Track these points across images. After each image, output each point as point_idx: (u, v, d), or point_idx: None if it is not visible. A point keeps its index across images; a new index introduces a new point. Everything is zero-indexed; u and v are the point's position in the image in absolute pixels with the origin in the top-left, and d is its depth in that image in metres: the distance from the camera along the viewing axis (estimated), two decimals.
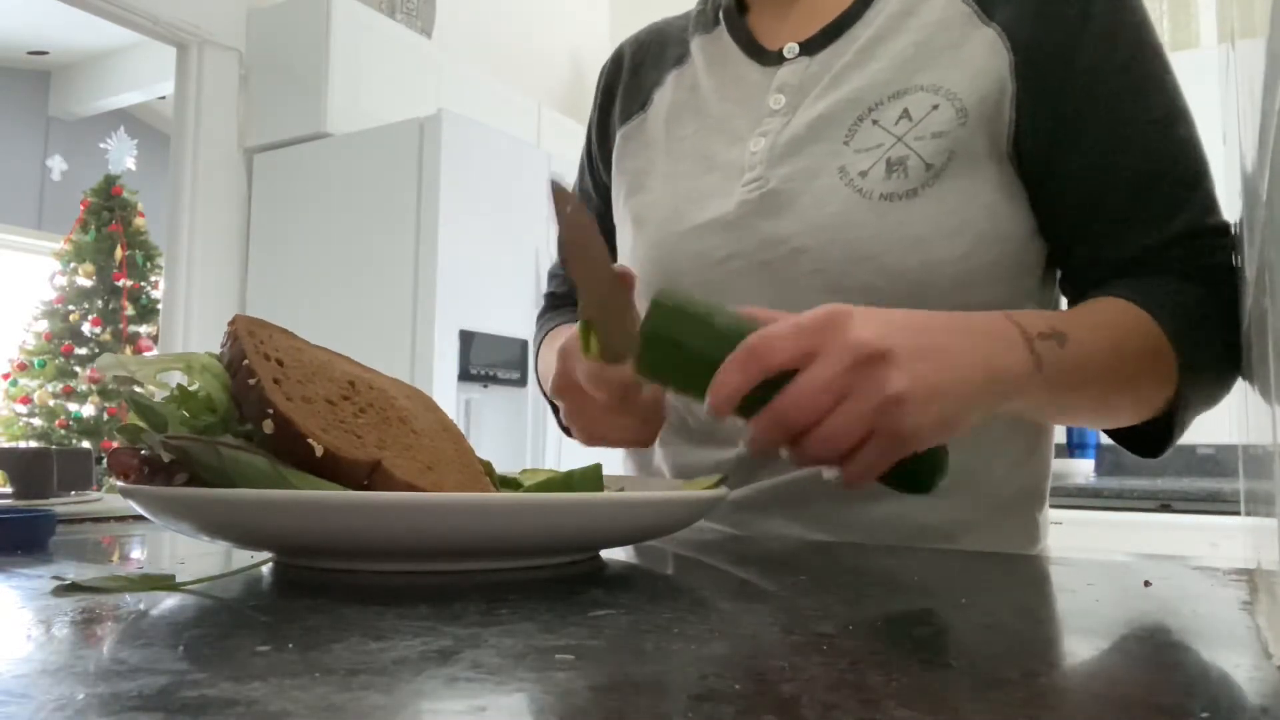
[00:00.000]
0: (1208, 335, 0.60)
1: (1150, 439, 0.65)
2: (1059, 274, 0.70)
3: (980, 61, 0.64)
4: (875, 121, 0.65)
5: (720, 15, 0.79)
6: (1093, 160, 0.63)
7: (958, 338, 0.51)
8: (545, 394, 0.80)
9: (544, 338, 0.89)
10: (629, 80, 0.84)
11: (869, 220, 0.63)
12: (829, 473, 0.50)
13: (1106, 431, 0.68)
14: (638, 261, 0.75)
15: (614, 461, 0.80)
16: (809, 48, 0.72)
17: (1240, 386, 0.61)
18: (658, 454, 0.77)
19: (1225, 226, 0.63)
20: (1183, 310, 0.59)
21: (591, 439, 0.65)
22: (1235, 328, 0.61)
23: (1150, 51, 0.63)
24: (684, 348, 0.50)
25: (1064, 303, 0.71)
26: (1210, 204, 0.63)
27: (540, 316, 0.96)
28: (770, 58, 0.74)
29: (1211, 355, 0.60)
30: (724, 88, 0.76)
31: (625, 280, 0.57)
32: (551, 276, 0.98)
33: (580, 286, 0.55)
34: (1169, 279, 0.61)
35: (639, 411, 0.61)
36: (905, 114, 0.64)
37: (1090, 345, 0.56)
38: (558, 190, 0.53)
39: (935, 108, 0.64)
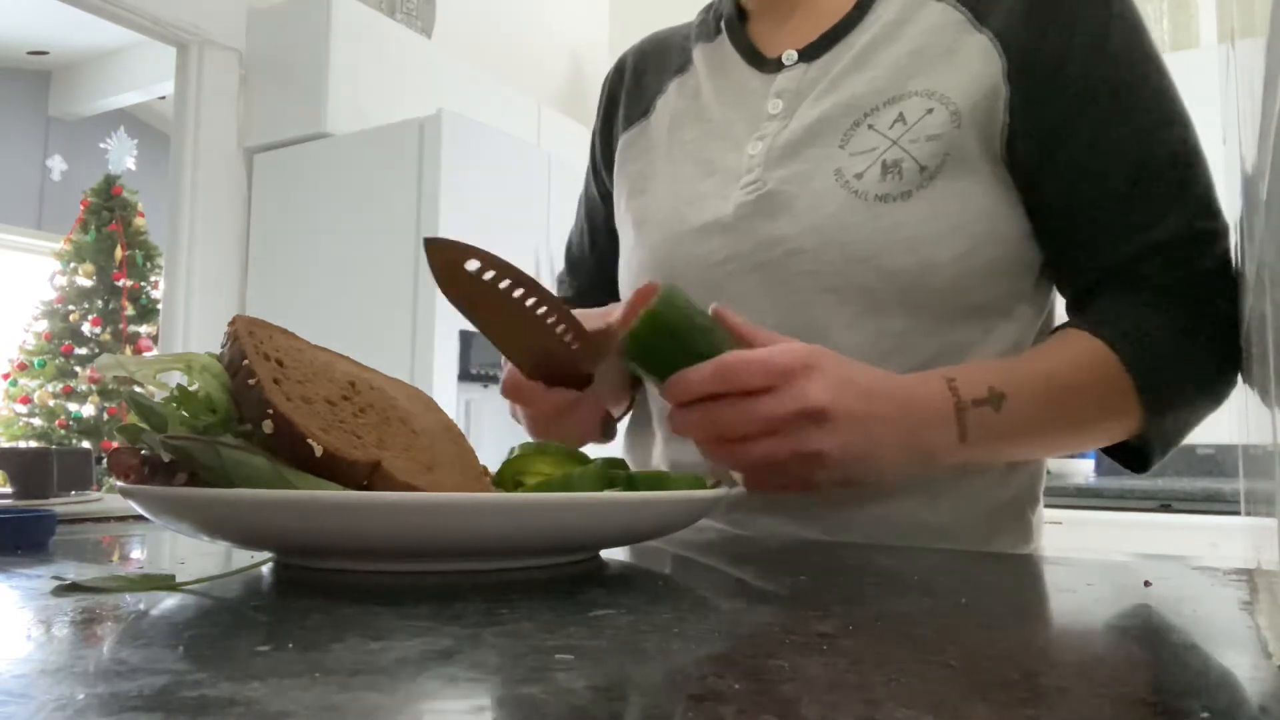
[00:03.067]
0: (1179, 363, 0.61)
1: (1137, 452, 0.67)
2: (1054, 276, 0.71)
3: (973, 67, 0.65)
4: (871, 126, 0.66)
5: (722, 24, 0.80)
6: (1084, 164, 0.63)
7: (893, 417, 0.58)
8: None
9: None
10: (631, 88, 0.85)
11: (864, 221, 0.64)
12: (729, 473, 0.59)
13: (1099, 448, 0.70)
14: (639, 263, 0.76)
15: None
16: (807, 54, 0.73)
17: (1240, 386, 0.61)
18: (656, 453, 0.77)
19: (1221, 228, 0.63)
20: (1149, 341, 0.61)
21: (542, 437, 0.71)
22: (1225, 337, 0.61)
23: (1142, 56, 0.64)
24: (665, 352, 0.56)
25: (1060, 303, 0.71)
26: (1204, 208, 0.63)
27: None
28: (770, 64, 0.75)
29: (1181, 381, 0.62)
30: (724, 94, 0.77)
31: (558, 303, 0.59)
32: (558, 283, 0.99)
33: (481, 328, 0.59)
34: (1146, 297, 0.62)
35: (579, 420, 0.68)
36: (900, 118, 0.65)
37: (1031, 400, 0.60)
38: (433, 248, 0.54)
39: (929, 111, 0.64)
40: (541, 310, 0.56)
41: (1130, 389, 0.60)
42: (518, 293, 0.55)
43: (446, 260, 0.54)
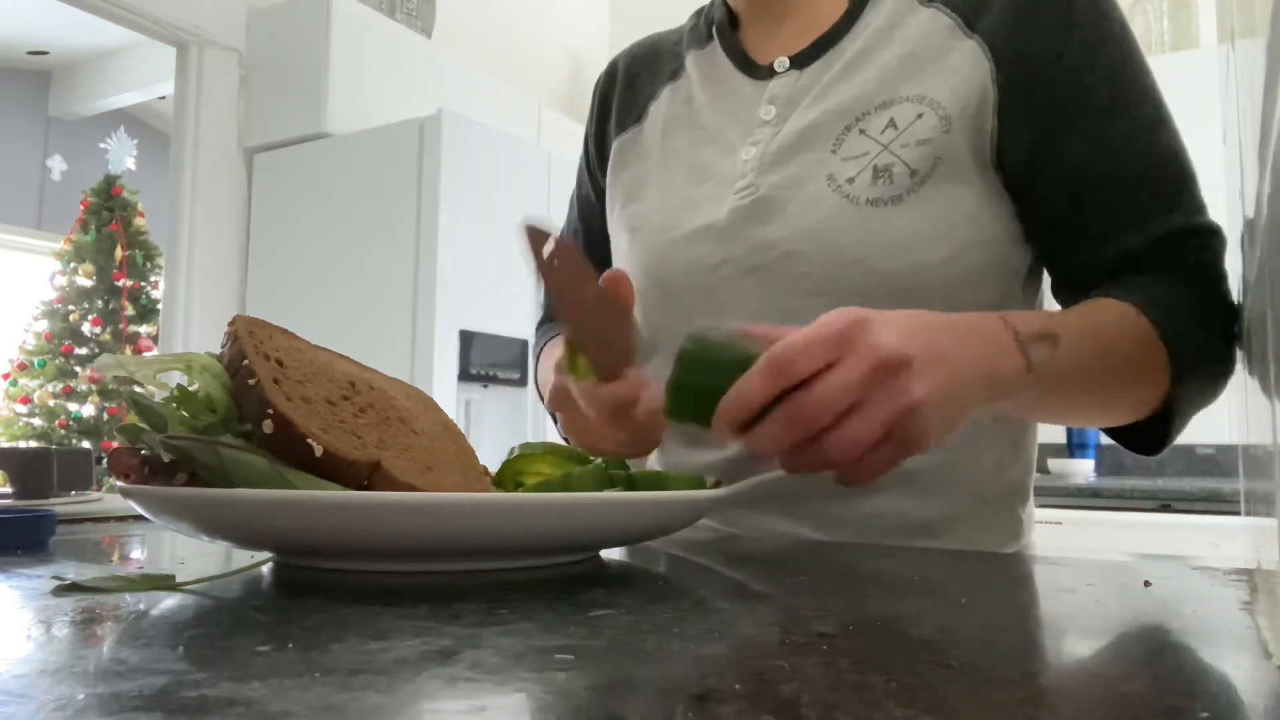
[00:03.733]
0: (1198, 332, 0.61)
1: (1148, 437, 0.66)
2: (1048, 278, 0.71)
3: (963, 71, 0.65)
4: (862, 131, 0.67)
5: (713, 31, 0.81)
6: (1074, 166, 0.64)
7: (961, 344, 0.52)
8: (545, 404, 0.80)
9: (544, 347, 0.90)
10: (624, 92, 0.86)
11: (856, 225, 0.65)
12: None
13: (1105, 430, 0.69)
14: (632, 269, 0.77)
15: None
16: (799, 61, 0.73)
17: (1240, 386, 0.61)
18: (653, 455, 0.78)
19: (1211, 227, 0.64)
20: (1173, 308, 0.60)
21: (589, 450, 0.66)
22: (1225, 325, 0.61)
23: (1130, 59, 0.64)
24: (712, 393, 0.49)
25: (1051, 305, 0.71)
26: (1194, 206, 0.63)
27: (540, 325, 0.97)
28: (762, 71, 0.75)
29: (1203, 352, 0.61)
30: (717, 100, 0.77)
31: (616, 291, 0.57)
32: None
33: (564, 313, 0.56)
34: (1157, 278, 0.62)
35: (633, 426, 0.61)
36: (891, 123, 0.66)
37: (1083, 346, 0.57)
38: (532, 232, 0.54)
39: (920, 116, 0.65)
40: (595, 298, 0.55)
41: (1161, 350, 0.59)
42: (579, 279, 0.54)
43: (536, 242, 0.54)
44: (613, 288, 0.57)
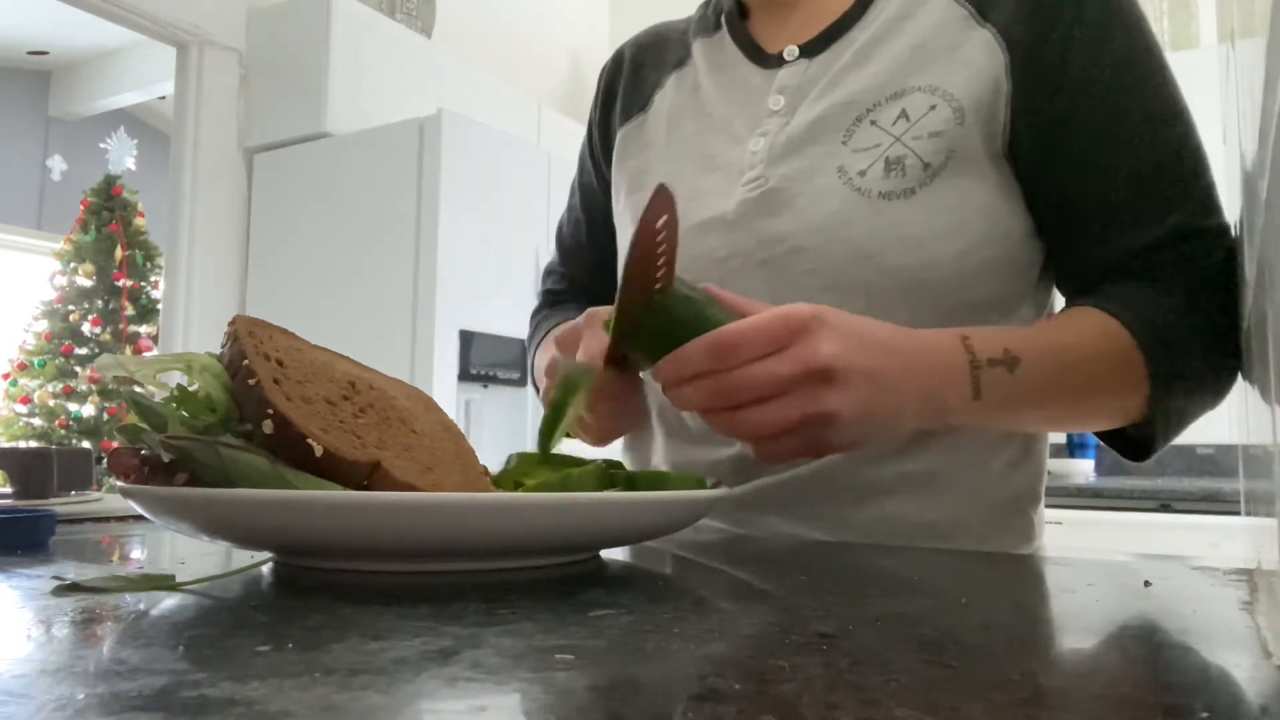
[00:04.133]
0: (1189, 346, 0.60)
1: (1136, 443, 0.66)
2: (1055, 272, 0.70)
3: (976, 62, 0.64)
4: (873, 122, 0.66)
5: (722, 19, 0.80)
6: (1085, 160, 0.63)
7: (905, 371, 0.55)
8: (537, 388, 0.81)
9: (543, 339, 0.89)
10: (629, 81, 0.85)
11: (867, 218, 0.64)
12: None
13: (1096, 434, 0.68)
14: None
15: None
16: (808, 50, 0.72)
17: (1240, 386, 0.61)
18: (656, 453, 0.77)
19: (1222, 227, 0.63)
20: (1160, 320, 0.60)
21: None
22: (1227, 332, 0.61)
23: (1144, 51, 0.63)
24: (662, 338, 0.53)
25: (1060, 302, 0.71)
26: (1207, 204, 0.63)
27: (536, 313, 0.96)
28: (771, 60, 0.74)
29: (1190, 365, 0.60)
30: (725, 89, 0.76)
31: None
32: (548, 273, 0.98)
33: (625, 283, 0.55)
34: (1155, 285, 0.62)
35: (607, 414, 0.64)
36: (903, 114, 0.65)
37: (1045, 367, 0.58)
38: (662, 196, 0.53)
39: (933, 108, 0.64)
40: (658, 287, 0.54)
41: (1141, 367, 0.59)
42: (661, 268, 0.54)
43: (661, 210, 0.52)
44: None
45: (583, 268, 0.92)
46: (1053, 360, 0.59)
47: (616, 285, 0.55)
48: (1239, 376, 0.63)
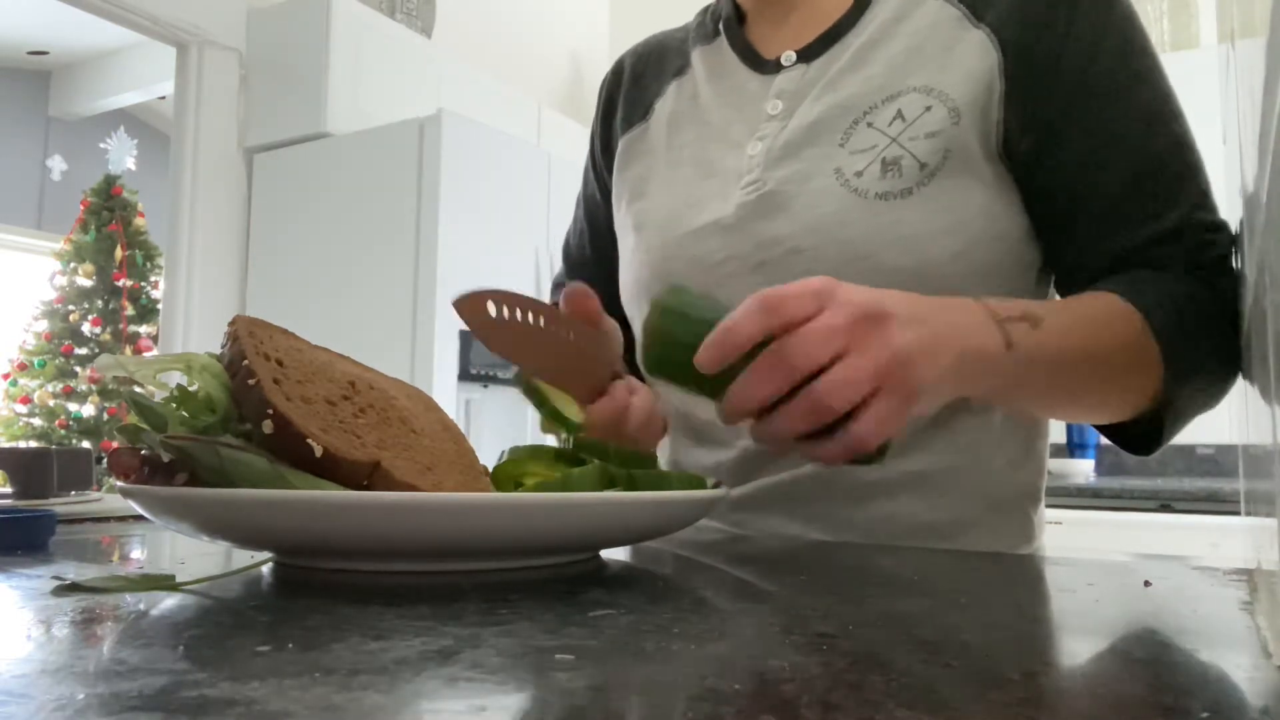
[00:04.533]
0: (1196, 332, 0.60)
1: (1142, 436, 0.65)
2: (1052, 272, 0.70)
3: (970, 63, 0.65)
4: (870, 124, 0.66)
5: (720, 26, 0.80)
6: (1080, 159, 0.63)
7: (939, 311, 0.52)
8: None
9: None
10: (630, 90, 0.85)
11: (864, 219, 0.64)
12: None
13: (1098, 428, 0.68)
14: (639, 266, 0.76)
15: None
16: (805, 55, 0.73)
17: (1240, 386, 0.61)
18: (660, 453, 0.78)
19: (1218, 223, 0.63)
20: (1171, 306, 0.59)
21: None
22: (1229, 325, 0.61)
23: (1138, 50, 0.63)
24: (685, 347, 0.49)
25: None
26: (1202, 201, 0.63)
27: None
28: (768, 66, 0.75)
29: (1200, 352, 0.60)
30: (723, 96, 0.77)
31: (581, 309, 0.60)
32: (556, 287, 0.99)
33: (527, 365, 0.58)
34: (1159, 274, 0.61)
35: (628, 436, 0.62)
36: (899, 115, 0.65)
37: (1065, 331, 0.56)
38: (464, 302, 0.54)
39: (928, 109, 0.64)
40: (552, 327, 0.56)
41: (1154, 350, 0.58)
42: (530, 318, 0.55)
43: (474, 312, 0.53)
44: (576, 307, 0.60)
45: (589, 279, 0.93)
46: (1075, 323, 0.57)
47: (619, 299, 0.56)
48: (1239, 376, 0.63)
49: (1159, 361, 0.59)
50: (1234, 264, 0.62)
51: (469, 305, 0.53)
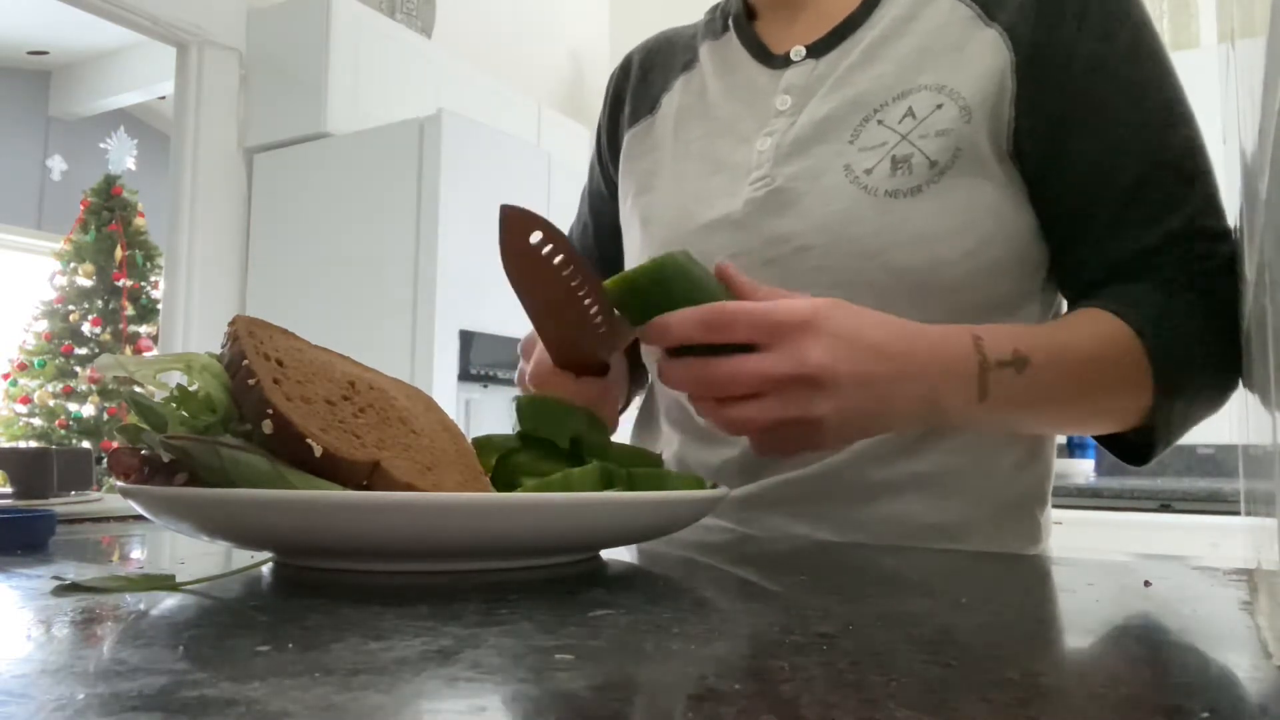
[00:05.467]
0: (1192, 349, 0.60)
1: (1136, 446, 0.66)
2: (1058, 273, 0.70)
3: (983, 62, 0.64)
4: (880, 121, 0.66)
5: (729, 21, 0.80)
6: (1088, 161, 0.63)
7: (900, 374, 0.54)
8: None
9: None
10: (638, 85, 0.85)
11: (873, 217, 0.64)
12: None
13: (1095, 438, 0.68)
14: (644, 260, 0.76)
15: None
16: (815, 50, 0.73)
17: (1240, 387, 0.61)
18: (665, 451, 0.78)
19: (1224, 230, 0.62)
20: (1168, 324, 0.59)
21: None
22: (1229, 335, 0.61)
23: (1148, 53, 0.63)
24: (659, 306, 0.53)
25: (1064, 304, 0.71)
26: (1209, 206, 0.62)
27: None
28: (778, 61, 0.75)
29: (1194, 368, 0.60)
30: (732, 91, 0.76)
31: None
32: None
33: (531, 303, 0.57)
34: (1158, 286, 0.61)
35: (604, 412, 0.63)
36: (909, 112, 0.65)
37: (1052, 368, 0.58)
38: (509, 214, 0.54)
39: (939, 106, 0.64)
40: (581, 293, 0.54)
41: (1146, 371, 0.59)
42: (566, 271, 0.54)
43: (515, 231, 0.53)
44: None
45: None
46: (1061, 361, 0.58)
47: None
48: (1239, 383, 0.63)
49: (1151, 383, 0.59)
50: (1236, 272, 0.62)
51: (514, 221, 0.53)
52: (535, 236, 0.53)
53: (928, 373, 0.55)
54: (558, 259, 0.53)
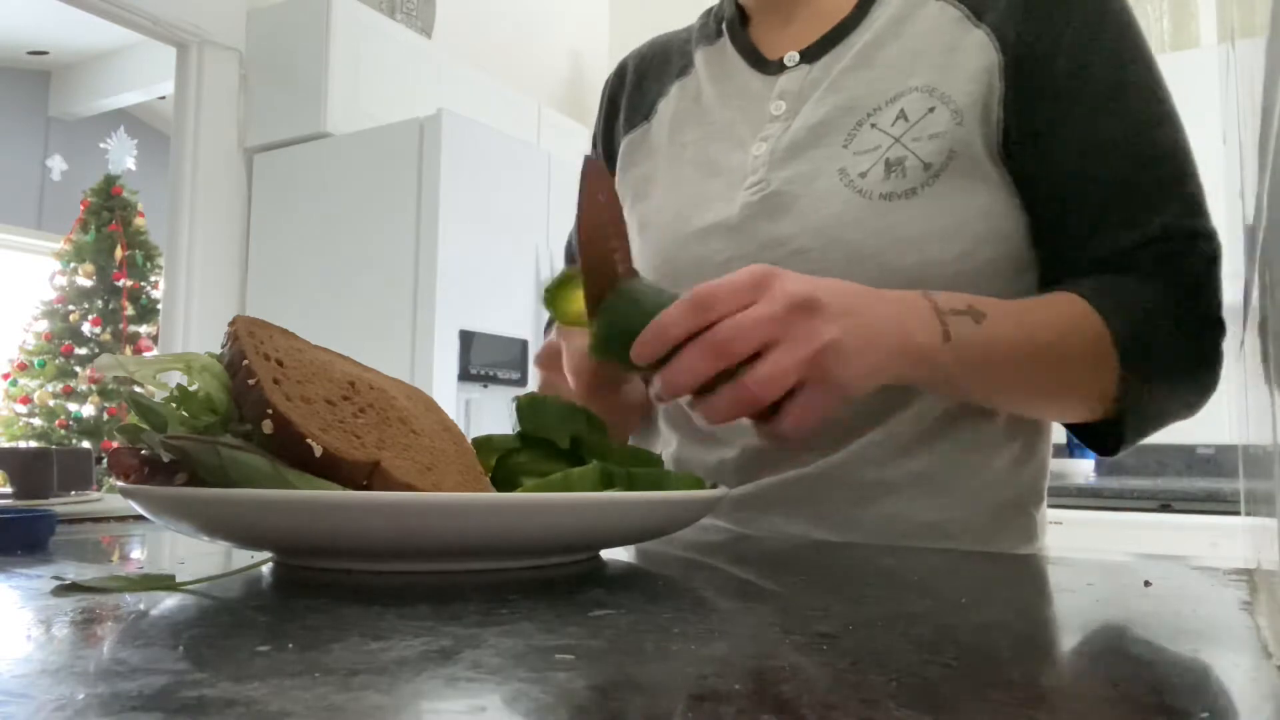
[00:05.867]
0: (1160, 335, 0.60)
1: (1108, 436, 0.66)
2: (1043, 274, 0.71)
3: (972, 63, 0.65)
4: (874, 125, 0.67)
5: (723, 27, 0.80)
6: (1071, 162, 0.64)
7: (875, 303, 0.54)
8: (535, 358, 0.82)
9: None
10: (633, 91, 0.86)
11: (868, 220, 0.64)
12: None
13: (1066, 426, 0.68)
14: (642, 266, 0.76)
15: None
16: (809, 55, 0.73)
17: (1240, 386, 0.61)
18: (664, 453, 0.78)
19: (1207, 230, 0.63)
20: (1136, 309, 0.60)
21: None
22: (1206, 331, 0.61)
23: (1133, 55, 0.64)
24: (635, 333, 0.52)
25: None
26: (1191, 207, 0.63)
27: (547, 328, 0.96)
28: (772, 67, 0.75)
29: (1165, 358, 0.60)
30: (726, 96, 0.77)
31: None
32: None
33: (586, 268, 0.55)
34: (1134, 278, 0.62)
35: (609, 406, 0.62)
36: (902, 115, 0.66)
37: (1011, 328, 0.57)
38: (592, 169, 0.54)
39: (931, 110, 0.65)
40: (622, 269, 0.55)
41: (1110, 347, 0.59)
42: (613, 243, 0.54)
43: (595, 180, 0.54)
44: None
45: None
46: (1019, 321, 0.58)
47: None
48: (1217, 385, 0.63)
49: (1116, 363, 0.59)
50: (1214, 274, 0.63)
51: (595, 171, 0.55)
52: (602, 197, 0.54)
53: (890, 305, 0.55)
54: (614, 230, 0.55)
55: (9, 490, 0.80)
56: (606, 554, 0.53)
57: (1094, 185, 0.63)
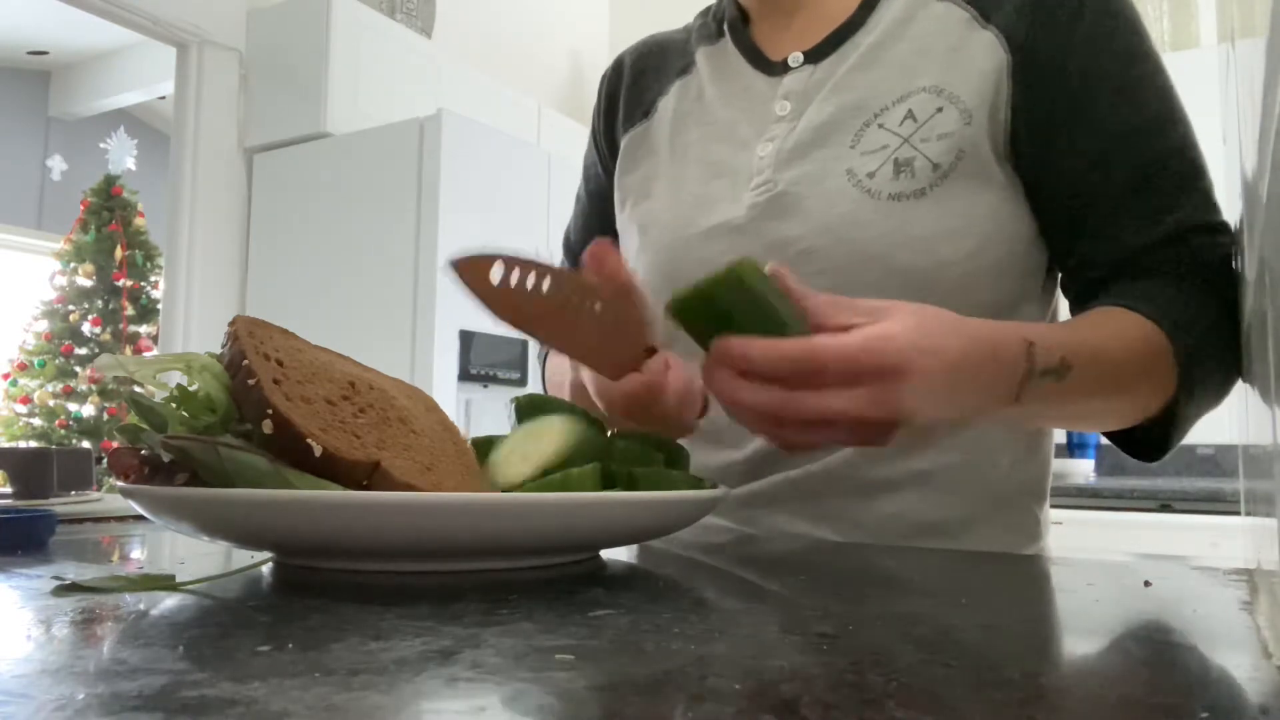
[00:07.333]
0: (1208, 343, 0.59)
1: (1147, 444, 0.65)
2: (1058, 274, 0.70)
3: (980, 64, 0.65)
4: (881, 125, 0.66)
5: (724, 27, 0.80)
6: (1083, 162, 0.63)
7: (963, 388, 0.49)
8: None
9: (549, 352, 0.89)
10: (631, 88, 0.85)
11: (876, 220, 0.64)
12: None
13: (1106, 434, 0.68)
14: (644, 266, 0.76)
15: None
16: (813, 56, 0.73)
17: (1240, 386, 0.61)
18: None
19: (1222, 225, 0.63)
20: (1187, 320, 0.59)
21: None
22: (1232, 331, 0.61)
23: (1142, 54, 0.64)
24: (725, 321, 0.47)
25: (1064, 305, 0.71)
26: (1206, 203, 0.63)
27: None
28: (775, 67, 0.75)
29: (1213, 366, 0.60)
30: (729, 96, 0.76)
31: (605, 270, 0.53)
32: None
33: (552, 339, 0.52)
34: (1167, 282, 0.61)
35: (655, 418, 0.58)
36: (910, 115, 0.65)
37: (1090, 374, 0.55)
38: (463, 265, 0.49)
39: (940, 110, 0.65)
40: (576, 299, 0.50)
41: (1172, 370, 0.58)
42: (547, 286, 0.49)
43: (473, 277, 0.49)
44: (603, 271, 0.53)
45: None
46: (1096, 365, 0.56)
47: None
48: (1236, 382, 0.63)
49: (1173, 380, 0.58)
50: (1234, 267, 0.62)
51: (469, 269, 0.49)
52: (496, 273, 0.49)
53: (979, 382, 0.51)
54: (530, 281, 0.49)
55: (9, 490, 0.80)
56: (606, 554, 0.53)
57: (1109, 184, 0.63)
